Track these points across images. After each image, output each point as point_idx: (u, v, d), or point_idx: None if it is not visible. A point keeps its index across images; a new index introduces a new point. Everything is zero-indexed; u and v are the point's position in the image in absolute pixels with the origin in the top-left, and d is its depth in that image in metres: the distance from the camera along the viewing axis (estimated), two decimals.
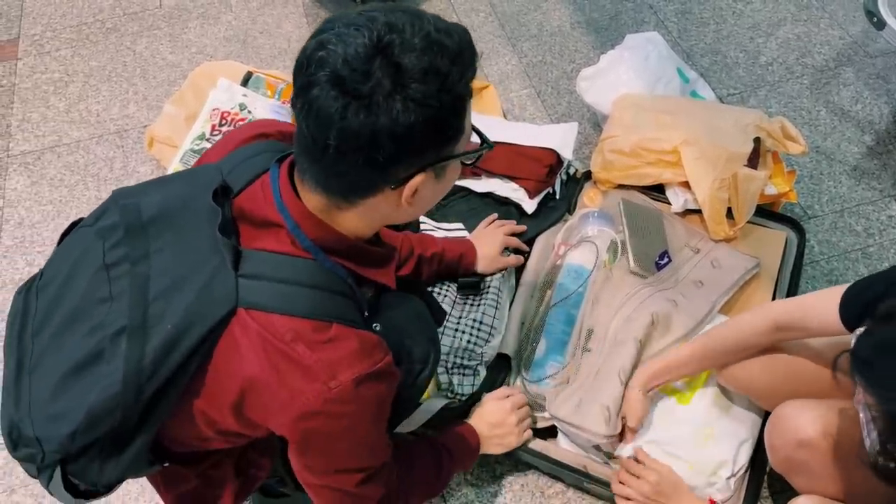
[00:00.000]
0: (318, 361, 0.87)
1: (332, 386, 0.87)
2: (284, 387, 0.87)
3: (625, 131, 1.71)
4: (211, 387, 0.91)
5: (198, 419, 0.95)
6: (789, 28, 2.33)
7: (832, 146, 2.01)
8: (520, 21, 2.47)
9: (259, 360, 0.87)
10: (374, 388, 0.91)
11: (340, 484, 1.00)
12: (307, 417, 0.89)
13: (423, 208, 0.95)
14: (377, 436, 1.00)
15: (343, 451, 0.96)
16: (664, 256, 1.57)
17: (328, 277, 0.92)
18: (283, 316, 0.87)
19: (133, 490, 1.55)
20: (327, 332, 0.88)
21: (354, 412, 0.91)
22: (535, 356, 1.45)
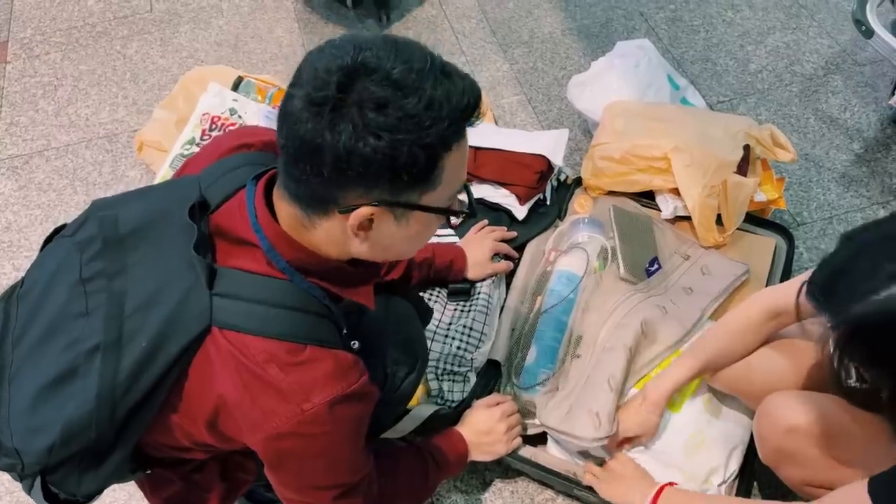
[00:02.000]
0: (292, 384, 0.86)
1: (306, 408, 0.86)
2: (256, 407, 0.87)
3: (615, 138, 1.71)
4: (186, 402, 0.91)
5: (175, 432, 0.96)
6: (778, 36, 2.35)
7: (821, 153, 2.02)
8: (511, 27, 2.48)
9: (231, 380, 0.87)
10: (349, 410, 0.91)
11: (316, 500, 1.00)
12: (280, 438, 0.88)
13: (386, 250, 0.92)
14: (353, 453, 0.99)
15: (318, 470, 0.96)
16: (654, 263, 1.57)
17: (304, 298, 0.91)
18: (257, 337, 0.87)
19: (120, 497, 1.54)
20: (301, 355, 0.88)
21: (329, 433, 0.90)
22: (525, 363, 1.45)
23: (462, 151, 0.86)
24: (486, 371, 1.47)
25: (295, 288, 0.90)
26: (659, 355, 1.42)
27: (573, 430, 1.29)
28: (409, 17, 2.55)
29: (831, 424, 1.09)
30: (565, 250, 1.59)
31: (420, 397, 1.42)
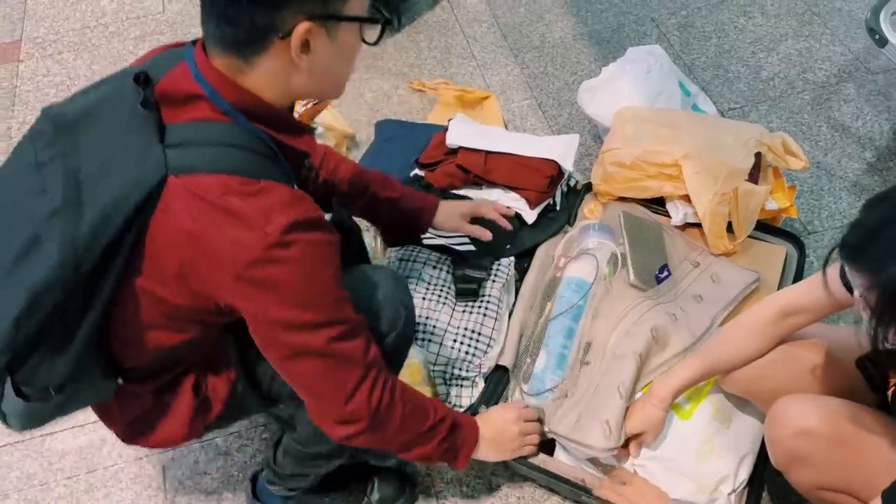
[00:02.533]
0: (252, 210, 0.89)
1: (269, 231, 0.89)
2: (223, 240, 0.90)
3: (626, 144, 1.71)
4: (151, 261, 0.93)
5: (144, 301, 0.97)
6: (791, 43, 2.34)
7: (833, 162, 2.01)
8: (522, 32, 2.48)
9: (194, 220, 0.90)
10: (312, 235, 0.93)
11: (308, 343, 0.97)
12: (250, 267, 0.90)
13: (325, 76, 0.97)
14: (332, 284, 0.97)
15: (298, 301, 0.94)
16: (664, 270, 1.57)
17: (250, 139, 0.95)
18: (212, 174, 0.90)
19: (127, 497, 1.54)
20: (256, 185, 0.91)
21: (297, 257, 0.91)
22: (534, 369, 1.44)
23: None
24: (496, 377, 1.47)
25: (240, 128, 0.94)
26: (667, 362, 1.42)
27: (584, 439, 1.29)
28: (421, 21, 2.55)
29: (844, 427, 1.08)
30: (575, 256, 1.58)
31: None
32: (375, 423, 1.05)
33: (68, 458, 1.61)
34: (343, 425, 1.04)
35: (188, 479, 1.56)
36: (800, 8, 2.45)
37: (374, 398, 1.03)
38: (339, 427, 1.05)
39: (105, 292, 0.93)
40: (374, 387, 1.03)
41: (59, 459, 1.61)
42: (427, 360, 1.44)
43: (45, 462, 1.60)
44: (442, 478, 1.52)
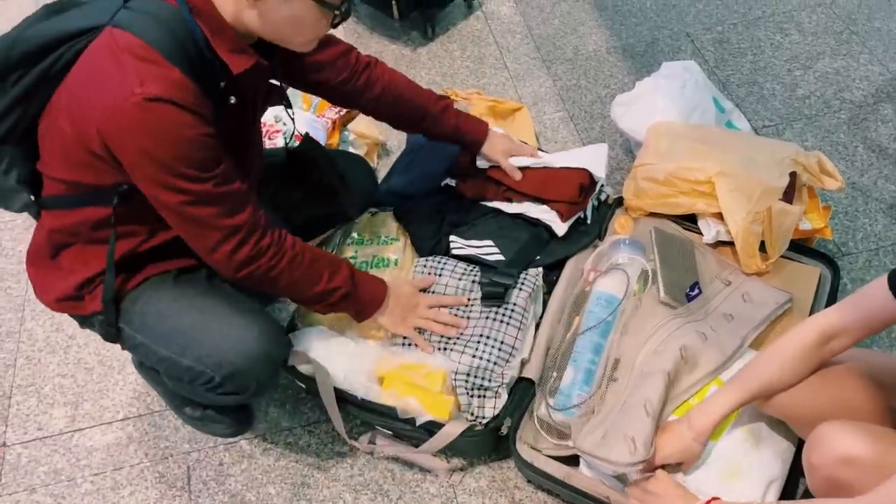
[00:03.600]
0: (135, 70, 1.03)
1: (137, 91, 1.02)
2: (101, 83, 1.05)
3: (659, 159, 1.70)
4: (65, 89, 1.11)
5: (54, 127, 1.13)
6: (828, 62, 2.31)
7: (868, 183, 1.98)
8: (555, 44, 2.48)
9: (91, 60, 1.08)
10: (175, 113, 1.05)
11: (164, 200, 1.12)
12: (108, 112, 1.04)
13: (273, 27, 1.12)
14: (180, 159, 1.08)
15: (148, 161, 1.07)
16: (695, 287, 1.55)
17: (182, 27, 1.08)
18: (132, 35, 1.06)
19: (152, 496, 1.56)
20: (155, 56, 1.05)
21: (150, 123, 1.04)
22: (560, 384, 1.43)
23: None
24: (520, 389, 1.46)
25: (178, 14, 1.08)
26: (698, 382, 1.40)
27: (608, 456, 1.28)
28: (454, 31, 2.56)
29: (888, 455, 1.06)
30: (604, 271, 1.57)
31: (451, 412, 1.41)
32: (243, 276, 1.22)
33: (96, 454, 1.63)
34: (215, 267, 1.23)
35: (212, 479, 1.57)
36: (838, 26, 2.42)
37: (238, 257, 1.20)
38: (214, 267, 1.23)
39: (24, 86, 1.11)
40: (235, 250, 1.19)
41: (87, 456, 1.63)
42: (450, 368, 1.44)
43: (73, 458, 1.63)
44: (465, 489, 1.51)
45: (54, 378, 1.76)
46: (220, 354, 1.26)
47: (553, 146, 2.16)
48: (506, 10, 2.62)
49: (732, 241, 1.60)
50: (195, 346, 1.27)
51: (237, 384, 1.29)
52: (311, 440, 1.62)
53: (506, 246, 1.63)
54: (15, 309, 1.90)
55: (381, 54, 2.50)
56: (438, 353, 1.47)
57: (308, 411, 1.66)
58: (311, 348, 1.49)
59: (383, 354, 1.48)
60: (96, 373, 1.76)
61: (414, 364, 1.44)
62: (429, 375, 1.42)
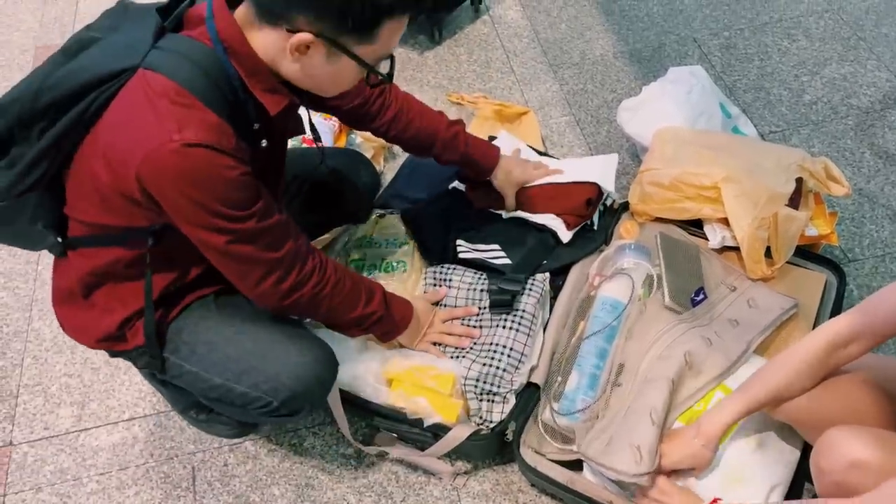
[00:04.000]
0: (171, 114, 1.01)
1: (175, 138, 0.99)
2: (139, 129, 1.02)
3: (665, 164, 1.70)
4: (99, 132, 1.07)
5: (86, 170, 1.11)
6: (835, 68, 2.31)
7: (875, 189, 1.98)
8: (562, 48, 2.48)
9: (126, 105, 1.04)
10: (214, 157, 1.03)
11: (209, 240, 1.11)
12: (147, 159, 1.01)
13: (310, 79, 1.11)
14: (222, 201, 1.07)
15: (192, 205, 1.06)
16: (700, 293, 1.55)
17: (218, 69, 1.06)
18: (166, 78, 1.03)
19: (157, 496, 1.56)
20: (190, 100, 1.03)
21: (189, 169, 1.02)
22: (565, 389, 1.44)
23: (402, 23, 1.07)
24: (526, 393, 1.46)
25: (214, 56, 1.06)
26: (703, 387, 1.40)
27: (613, 465, 1.28)
28: (462, 35, 2.57)
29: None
30: (610, 276, 1.57)
31: (459, 416, 1.42)
32: (287, 305, 1.23)
33: (101, 454, 1.63)
34: (258, 301, 1.22)
35: (217, 480, 1.58)
36: (845, 32, 2.42)
37: (283, 288, 1.20)
38: (259, 301, 1.23)
39: (54, 135, 1.06)
40: (280, 281, 1.19)
41: (93, 455, 1.63)
42: (460, 372, 1.44)
43: (79, 457, 1.63)
44: (469, 492, 1.52)
45: (61, 378, 1.77)
46: (277, 380, 1.26)
47: (559, 150, 2.16)
48: (513, 15, 2.63)
49: (738, 247, 1.61)
50: (251, 373, 1.27)
51: (292, 407, 1.29)
52: (316, 442, 1.62)
53: (512, 250, 1.63)
54: (23, 308, 1.91)
55: None
56: (448, 357, 1.48)
57: (313, 413, 1.67)
58: None
59: (393, 357, 1.48)
60: (103, 373, 1.77)
61: (423, 366, 1.45)
62: (438, 377, 1.43)
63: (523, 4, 2.67)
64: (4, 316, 1.90)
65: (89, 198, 1.14)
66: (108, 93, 1.05)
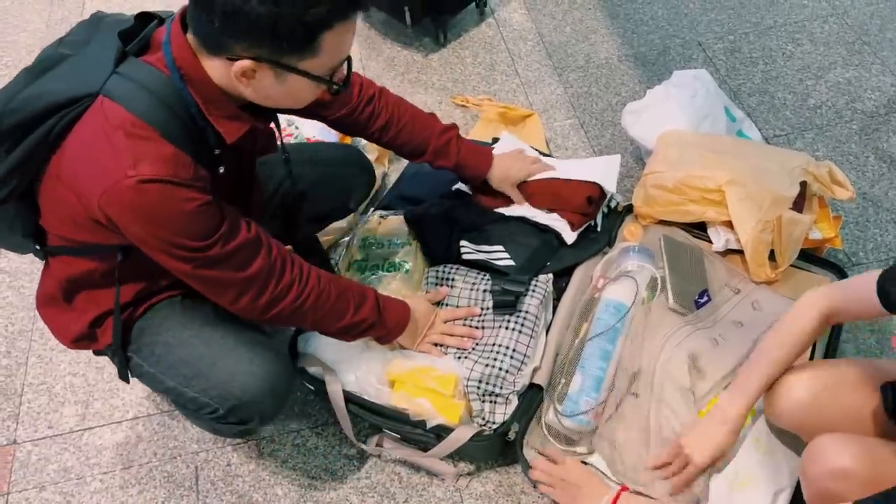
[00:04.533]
0: (127, 150, 1.00)
1: (130, 174, 0.99)
2: (95, 165, 1.02)
3: (669, 167, 1.70)
4: (63, 153, 1.07)
5: (54, 189, 1.11)
6: (840, 72, 2.31)
7: (879, 193, 1.98)
8: (567, 51, 2.49)
9: (85, 135, 1.04)
10: (171, 191, 1.02)
11: (177, 268, 1.11)
12: (105, 195, 1.01)
13: (269, 100, 1.08)
14: (182, 233, 1.06)
15: (153, 237, 1.07)
16: (704, 295, 1.55)
17: (174, 96, 1.05)
18: (123, 108, 1.02)
19: (160, 495, 1.57)
20: (147, 132, 1.02)
21: (145, 205, 1.02)
22: (569, 390, 1.44)
23: (345, 29, 1.02)
24: (529, 395, 1.46)
25: (171, 85, 1.05)
26: (712, 390, 1.40)
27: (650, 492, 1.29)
28: (466, 37, 2.57)
29: (881, 468, 1.06)
30: (613, 278, 1.58)
31: (461, 417, 1.42)
32: (269, 318, 1.22)
33: (105, 453, 1.64)
34: (241, 315, 1.21)
35: (220, 480, 1.58)
36: (850, 37, 2.42)
37: (260, 304, 1.19)
38: (241, 315, 1.22)
39: (19, 155, 1.07)
40: (256, 297, 1.18)
41: (97, 454, 1.64)
42: (462, 374, 1.44)
43: (83, 456, 1.64)
44: (471, 493, 1.52)
45: (65, 377, 1.78)
46: (225, 388, 1.26)
47: (563, 153, 2.16)
48: (518, 18, 2.63)
49: (742, 250, 1.61)
50: (200, 379, 1.27)
51: (240, 416, 1.29)
52: (319, 442, 1.63)
53: (516, 251, 1.63)
54: (27, 307, 1.92)
55: (393, 60, 2.51)
56: (450, 358, 1.48)
57: (316, 413, 1.67)
58: (321, 352, 1.50)
59: (395, 358, 1.48)
60: (107, 372, 1.78)
61: (426, 367, 1.45)
62: (440, 379, 1.43)
63: (528, 7, 2.67)
64: (9, 315, 1.91)
65: (59, 216, 1.16)
66: (69, 117, 1.05)
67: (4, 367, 1.81)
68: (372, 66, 2.50)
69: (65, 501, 1.57)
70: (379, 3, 2.56)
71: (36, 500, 1.57)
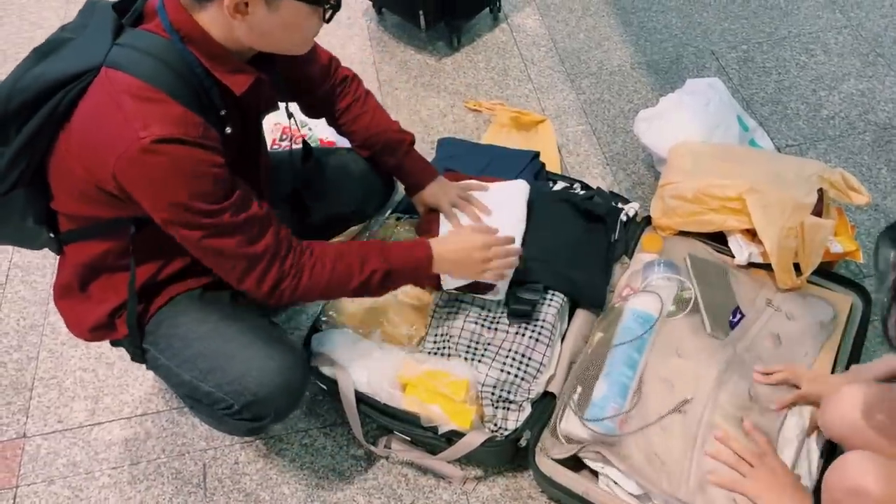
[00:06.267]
0: (137, 112, 1.02)
1: (142, 135, 1.01)
2: (106, 129, 1.04)
3: (685, 177, 1.69)
4: (71, 129, 1.09)
5: (64, 165, 1.13)
6: (853, 83, 2.31)
7: (892, 205, 1.97)
8: (580, 58, 2.49)
9: (96, 106, 1.05)
10: (184, 150, 1.04)
11: (185, 236, 1.12)
12: (119, 160, 1.03)
13: (265, 37, 1.10)
14: (194, 195, 1.08)
15: (162, 201, 1.08)
16: (736, 313, 1.53)
17: (177, 58, 1.08)
18: (128, 75, 1.05)
19: (167, 491, 1.57)
20: (153, 94, 1.04)
21: (160, 165, 1.03)
22: (593, 397, 1.41)
23: None
24: (542, 403, 1.45)
25: (171, 46, 1.08)
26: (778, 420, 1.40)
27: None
28: (480, 42, 2.58)
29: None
30: (640, 289, 1.55)
31: (473, 422, 1.41)
32: (275, 300, 1.22)
33: (114, 448, 1.64)
34: (249, 294, 1.22)
35: (227, 478, 1.58)
36: (864, 48, 2.42)
37: (267, 282, 1.19)
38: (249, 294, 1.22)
39: (27, 134, 1.09)
40: (263, 275, 1.18)
41: (106, 450, 1.64)
42: (476, 379, 1.44)
43: (92, 451, 1.64)
44: (478, 497, 1.52)
45: (76, 372, 1.78)
46: (240, 383, 1.26)
47: (575, 159, 2.17)
48: (531, 23, 2.64)
49: (764, 264, 1.59)
50: (217, 373, 1.28)
51: (255, 412, 1.29)
52: (327, 442, 1.63)
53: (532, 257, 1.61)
54: (39, 302, 1.93)
55: (407, 63, 2.52)
56: (462, 362, 1.47)
57: (324, 413, 1.67)
58: (335, 351, 1.50)
59: (407, 361, 1.48)
60: (117, 368, 1.78)
61: (438, 372, 1.44)
62: (452, 384, 1.42)
63: (542, 13, 2.68)
64: (21, 309, 1.92)
65: (70, 192, 1.17)
66: (74, 92, 1.06)
67: (16, 362, 1.81)
68: (385, 69, 2.51)
69: (73, 495, 1.57)
70: (393, 7, 2.57)
71: (45, 494, 1.58)
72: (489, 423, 1.42)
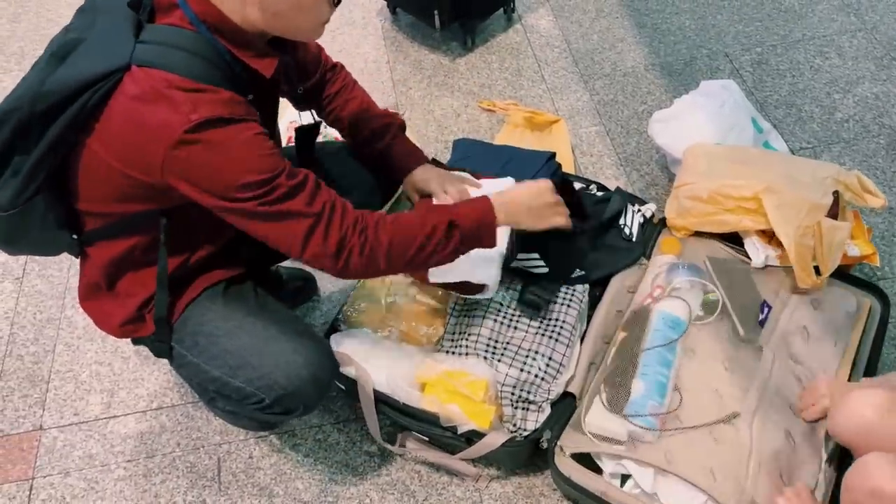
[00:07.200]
0: (185, 99, 1.04)
1: (193, 118, 1.03)
2: (155, 118, 1.04)
3: (700, 178, 1.69)
4: (104, 128, 1.09)
5: (94, 163, 1.13)
6: (868, 87, 2.31)
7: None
8: (594, 59, 2.50)
9: (139, 100, 1.05)
10: (233, 129, 1.07)
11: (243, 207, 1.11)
12: (174, 145, 1.04)
13: (278, 18, 1.11)
14: (246, 165, 1.08)
15: (220, 174, 1.08)
16: (763, 307, 1.53)
17: (207, 48, 1.10)
18: (164, 71, 1.05)
19: (182, 485, 1.58)
20: (195, 85, 1.06)
21: (214, 142, 1.05)
22: (631, 396, 1.39)
23: None
24: (562, 404, 1.45)
25: (201, 38, 1.10)
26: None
27: None
28: (494, 43, 2.59)
29: None
30: (666, 294, 1.55)
31: (493, 422, 1.41)
32: (343, 264, 1.18)
33: (129, 441, 1.65)
34: (315, 263, 1.19)
35: (242, 472, 1.59)
36: (878, 51, 2.41)
37: (332, 238, 1.16)
38: (313, 264, 1.19)
39: (51, 138, 1.08)
40: (326, 235, 1.15)
41: (121, 442, 1.65)
42: (496, 378, 1.44)
43: (108, 444, 1.65)
44: (491, 494, 1.52)
45: (92, 365, 1.80)
46: (271, 378, 1.27)
47: (588, 159, 2.17)
48: (545, 24, 2.65)
49: (781, 266, 1.59)
50: (246, 369, 1.28)
51: (285, 406, 1.30)
52: (341, 438, 1.64)
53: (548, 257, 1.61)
54: (56, 296, 1.94)
55: (421, 63, 2.53)
56: (482, 362, 1.47)
57: (338, 409, 1.68)
58: (354, 350, 1.51)
59: (426, 361, 1.48)
60: (132, 362, 1.80)
61: (457, 371, 1.45)
62: (471, 384, 1.42)
63: (556, 14, 2.69)
64: (38, 303, 1.93)
65: (102, 189, 1.17)
66: (101, 92, 1.06)
67: (32, 355, 1.83)
68: (399, 68, 2.52)
69: (89, 487, 1.59)
70: (408, 7, 2.58)
71: (60, 486, 1.59)
72: (508, 423, 1.43)
